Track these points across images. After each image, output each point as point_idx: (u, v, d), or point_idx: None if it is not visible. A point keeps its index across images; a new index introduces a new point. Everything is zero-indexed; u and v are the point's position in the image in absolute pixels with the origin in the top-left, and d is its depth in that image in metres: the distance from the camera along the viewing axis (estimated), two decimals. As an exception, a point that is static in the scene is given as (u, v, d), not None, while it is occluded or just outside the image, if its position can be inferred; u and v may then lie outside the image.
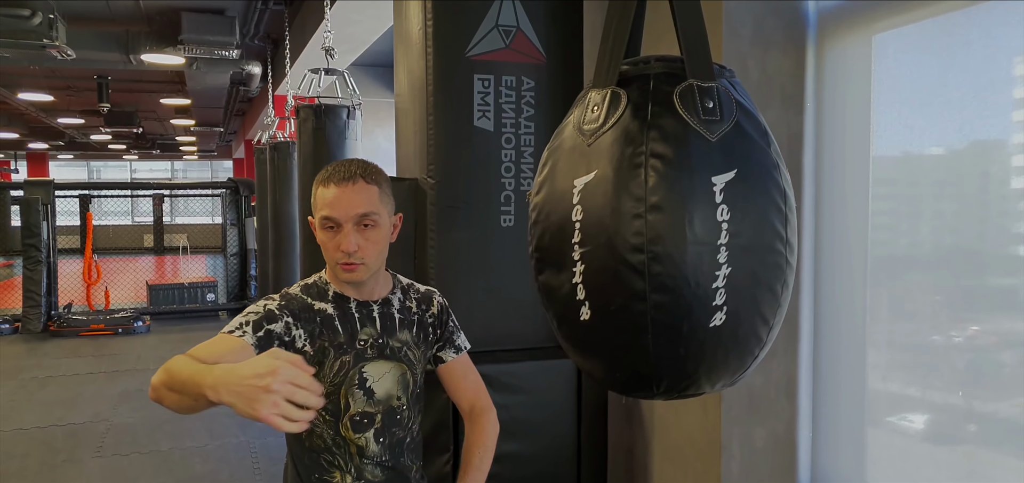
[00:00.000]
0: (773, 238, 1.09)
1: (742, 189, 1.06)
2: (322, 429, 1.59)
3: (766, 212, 1.08)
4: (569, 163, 1.13)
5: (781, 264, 1.11)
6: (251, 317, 1.49)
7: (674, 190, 1.04)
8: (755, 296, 1.09)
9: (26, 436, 5.34)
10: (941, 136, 2.01)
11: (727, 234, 1.04)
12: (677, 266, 1.04)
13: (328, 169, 1.58)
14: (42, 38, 5.91)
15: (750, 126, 1.11)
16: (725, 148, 1.07)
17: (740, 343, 1.10)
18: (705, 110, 1.08)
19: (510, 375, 2.49)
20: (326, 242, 1.55)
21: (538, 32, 2.58)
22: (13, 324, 9.10)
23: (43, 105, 12.34)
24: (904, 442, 2.12)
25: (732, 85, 1.14)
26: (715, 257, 1.04)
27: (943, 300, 1.99)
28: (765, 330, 1.12)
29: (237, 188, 10.80)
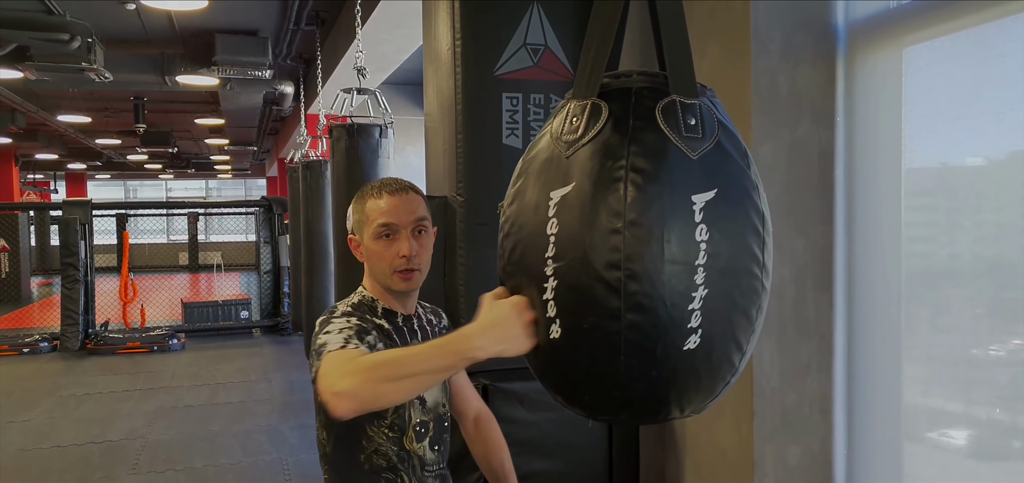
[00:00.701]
0: (750, 261, 1.06)
1: (722, 210, 1.03)
2: (386, 446, 1.61)
3: (744, 234, 1.06)
4: (545, 175, 1.10)
5: (757, 288, 1.08)
6: (348, 332, 1.50)
7: (653, 207, 1.02)
8: (730, 320, 1.06)
9: (64, 453, 5.45)
10: (977, 148, 1.98)
11: (705, 255, 1.01)
12: (653, 285, 1.01)
13: (374, 185, 1.65)
14: (81, 61, 6.06)
15: (731, 146, 1.08)
16: (706, 167, 1.04)
17: (713, 368, 1.07)
18: (687, 127, 1.05)
19: (541, 393, 2.46)
20: (381, 251, 1.59)
21: (566, 50, 2.59)
22: (52, 342, 9.30)
23: (81, 126, 12.64)
24: (944, 458, 2.09)
25: (713, 104, 1.12)
26: (692, 278, 1.01)
27: (984, 313, 1.96)
28: (738, 356, 1.09)
29: (270, 206, 10.95)
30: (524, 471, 2.44)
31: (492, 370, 2.51)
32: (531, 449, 2.46)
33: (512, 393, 2.45)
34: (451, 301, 2.57)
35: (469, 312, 2.51)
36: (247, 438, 5.68)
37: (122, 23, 6.89)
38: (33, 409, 6.63)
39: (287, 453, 5.30)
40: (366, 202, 1.62)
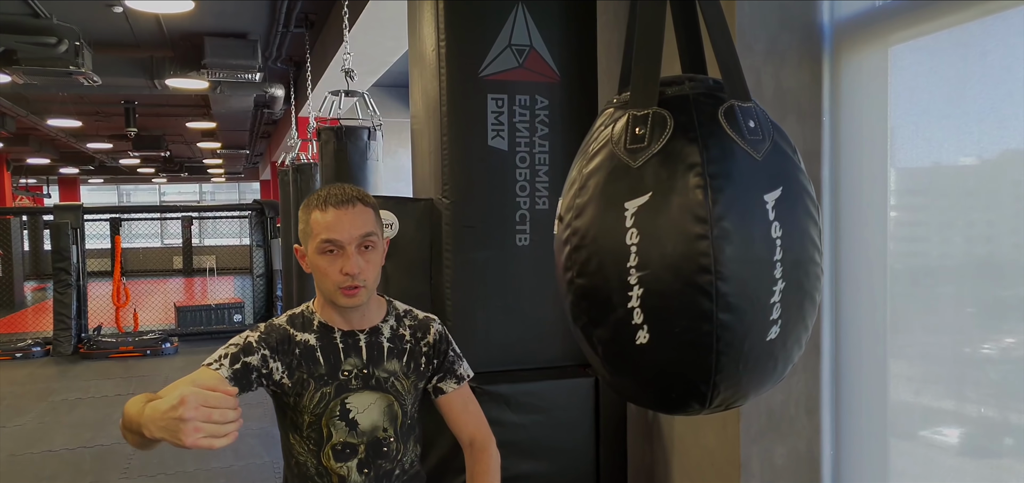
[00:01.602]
0: (813, 249, 1.13)
1: (787, 205, 1.09)
2: (305, 457, 1.60)
3: (806, 225, 1.12)
4: (614, 185, 1.11)
5: (818, 273, 1.15)
6: (230, 350, 1.52)
7: (735, 210, 1.06)
8: (801, 306, 1.12)
9: (55, 458, 5.42)
10: (965, 146, 1.98)
11: (780, 250, 1.07)
12: (742, 284, 1.06)
13: (320, 194, 1.56)
14: (69, 65, 6.04)
15: (784, 144, 1.14)
16: (769, 166, 1.10)
17: (787, 352, 1.14)
18: (748, 130, 1.10)
19: (528, 394, 2.48)
20: (325, 267, 1.51)
21: (552, 51, 2.58)
22: (45, 347, 9.26)
23: (72, 130, 12.60)
24: (934, 455, 2.08)
25: (757, 103, 1.17)
26: (772, 273, 1.07)
27: (976, 311, 1.95)
28: (805, 337, 1.17)
29: (263, 210, 10.92)
30: (511, 473, 2.44)
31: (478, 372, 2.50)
32: (518, 451, 2.45)
33: (499, 395, 2.44)
34: (437, 305, 2.56)
35: (455, 315, 2.50)
36: (239, 442, 5.62)
37: (110, 26, 6.87)
38: (25, 414, 6.59)
39: (279, 456, 5.28)
40: (311, 213, 1.53)
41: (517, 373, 2.54)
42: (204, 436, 1.15)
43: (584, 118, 2.64)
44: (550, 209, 2.57)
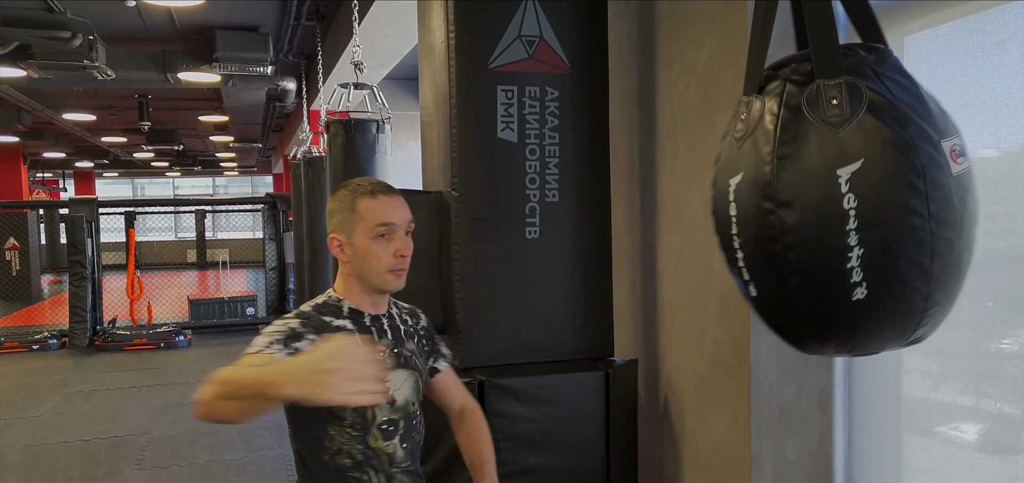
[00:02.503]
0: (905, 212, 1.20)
1: (869, 175, 1.18)
2: (349, 446, 1.62)
3: (897, 190, 1.19)
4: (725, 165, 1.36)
5: (922, 237, 1.21)
6: (277, 336, 1.54)
7: (798, 186, 1.24)
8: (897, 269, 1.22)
9: (70, 449, 5.47)
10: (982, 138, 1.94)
11: (854, 218, 1.20)
12: (807, 248, 1.24)
13: (359, 184, 1.65)
14: (82, 59, 6.07)
15: (884, 111, 1.21)
16: (850, 140, 1.19)
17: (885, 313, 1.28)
18: (829, 107, 1.21)
19: (537, 388, 2.46)
20: (379, 251, 1.60)
21: (562, 42, 2.56)
22: (61, 339, 9.34)
23: (87, 124, 12.68)
24: (950, 452, 2.05)
25: (872, 73, 1.24)
26: (845, 239, 1.21)
27: (996, 306, 1.92)
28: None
29: (275, 203, 10.96)
30: (520, 466, 2.43)
31: (487, 366, 2.49)
32: (527, 444, 2.44)
33: (508, 389, 2.42)
34: (447, 297, 2.55)
35: (464, 309, 2.49)
36: (251, 434, 5.69)
37: (123, 20, 6.90)
38: (41, 405, 6.66)
39: (290, 448, 5.30)
40: (358, 200, 1.62)
41: (526, 366, 2.53)
42: (351, 391, 1.18)
43: (595, 110, 2.62)
44: (560, 202, 2.55)
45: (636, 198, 2.78)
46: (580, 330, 2.62)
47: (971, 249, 1.27)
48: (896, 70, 1.26)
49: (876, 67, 1.25)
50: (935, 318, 1.27)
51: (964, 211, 1.23)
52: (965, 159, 1.25)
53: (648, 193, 2.68)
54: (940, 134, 1.21)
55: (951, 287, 1.25)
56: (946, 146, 1.21)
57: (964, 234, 1.23)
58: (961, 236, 1.23)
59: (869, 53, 1.27)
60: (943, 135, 1.22)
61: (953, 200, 1.20)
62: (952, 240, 1.21)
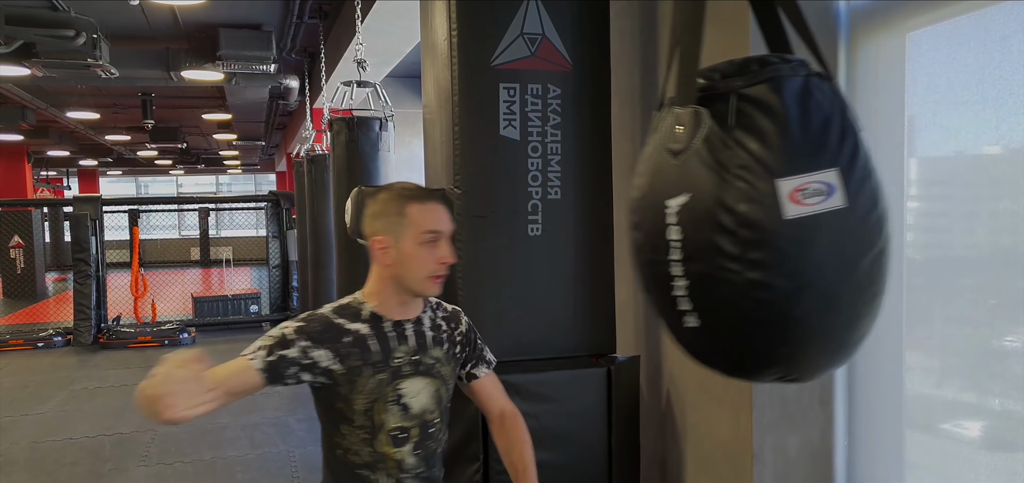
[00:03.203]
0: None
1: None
2: (358, 446, 1.65)
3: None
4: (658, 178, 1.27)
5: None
6: (267, 343, 1.58)
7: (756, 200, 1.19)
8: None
9: (76, 445, 5.49)
10: (985, 135, 1.95)
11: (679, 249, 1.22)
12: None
13: (404, 189, 1.67)
14: (86, 58, 6.09)
15: (713, 145, 1.17)
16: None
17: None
18: (674, 134, 1.19)
19: (540, 384, 2.48)
20: (425, 256, 1.61)
21: (564, 39, 2.57)
22: (65, 336, 9.37)
23: (90, 123, 12.70)
24: (951, 448, 2.06)
25: (736, 97, 1.16)
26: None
27: (999, 303, 1.92)
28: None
29: (278, 201, 10.98)
30: (523, 463, 2.44)
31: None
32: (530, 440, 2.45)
33: (510, 385, 2.42)
34: (450, 294, 2.55)
35: (467, 305, 2.50)
36: (255, 431, 5.71)
37: (127, 19, 6.92)
38: (46, 402, 6.69)
39: (294, 445, 5.32)
40: (407, 205, 1.62)
41: (529, 363, 2.54)
42: (175, 411, 1.30)
43: (597, 107, 2.62)
44: (562, 199, 2.56)
45: (638, 195, 2.78)
46: (582, 327, 2.63)
47: (835, 296, 1.13)
48: (765, 98, 1.14)
49: (743, 92, 1.15)
50: (790, 362, 1.18)
51: (802, 256, 1.09)
52: (823, 199, 1.10)
53: (650, 190, 2.69)
54: (785, 172, 1.09)
55: (798, 334, 1.14)
56: (786, 186, 1.09)
57: (806, 281, 1.10)
58: (794, 282, 1.10)
59: (740, 77, 1.16)
60: (789, 173, 1.09)
61: (778, 244, 1.09)
62: (774, 285, 1.10)
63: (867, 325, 1.20)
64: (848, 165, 1.13)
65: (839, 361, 1.24)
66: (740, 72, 1.18)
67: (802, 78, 1.16)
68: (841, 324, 1.16)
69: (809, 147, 1.13)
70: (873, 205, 1.16)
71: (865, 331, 1.20)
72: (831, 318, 1.15)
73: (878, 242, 1.16)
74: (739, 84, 1.16)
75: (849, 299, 1.15)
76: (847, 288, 1.14)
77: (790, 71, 1.17)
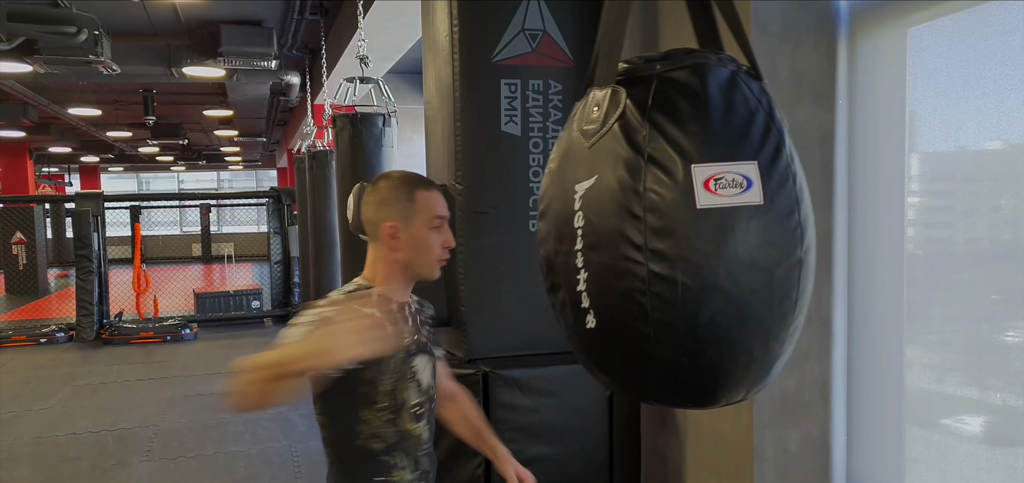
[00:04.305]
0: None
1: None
2: (383, 429, 1.67)
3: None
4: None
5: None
6: (314, 321, 1.56)
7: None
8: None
9: (79, 440, 5.51)
10: (985, 130, 1.95)
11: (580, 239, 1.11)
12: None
13: (408, 176, 1.73)
14: (88, 54, 6.09)
15: (628, 128, 1.09)
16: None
17: None
18: (590, 116, 1.13)
19: (541, 379, 2.48)
20: (433, 242, 1.68)
21: (565, 35, 2.57)
22: (68, 332, 9.39)
23: (92, 119, 12.72)
24: (951, 443, 2.06)
25: (656, 80, 1.09)
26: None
27: (1000, 298, 1.93)
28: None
29: (279, 197, 10.99)
30: (525, 456, 2.44)
31: (491, 358, 2.51)
32: (532, 435, 2.46)
33: (511, 380, 2.44)
34: (451, 289, 2.57)
35: (468, 301, 2.51)
36: (257, 426, 5.72)
37: (128, 15, 6.93)
38: (50, 398, 6.71)
39: (296, 440, 5.34)
40: (416, 192, 1.68)
41: (530, 358, 2.55)
42: (367, 344, 1.34)
43: (598, 103, 2.63)
44: (563, 194, 2.57)
45: (639, 191, 2.79)
46: (584, 322, 2.63)
47: (750, 303, 1.04)
48: (687, 81, 1.08)
49: (664, 75, 1.09)
50: (692, 377, 1.07)
51: (719, 252, 1.01)
52: (739, 192, 1.03)
53: (651, 186, 2.69)
54: (704, 157, 1.03)
55: (702, 342, 1.04)
56: (701, 173, 1.02)
57: (716, 281, 1.02)
58: (701, 280, 1.02)
59: (665, 61, 1.11)
60: (708, 160, 1.03)
61: (687, 235, 1.01)
62: (678, 281, 1.01)
63: (779, 345, 1.09)
64: (769, 161, 1.06)
65: (749, 383, 1.10)
66: (665, 58, 1.12)
67: (730, 71, 1.11)
68: (751, 337, 1.06)
69: (729, 137, 1.07)
70: (793, 210, 1.07)
71: (777, 351, 1.10)
72: (740, 328, 1.05)
73: (796, 251, 1.07)
74: (662, 68, 1.09)
75: (759, 309, 1.05)
76: (758, 296, 1.05)
77: (718, 62, 1.12)
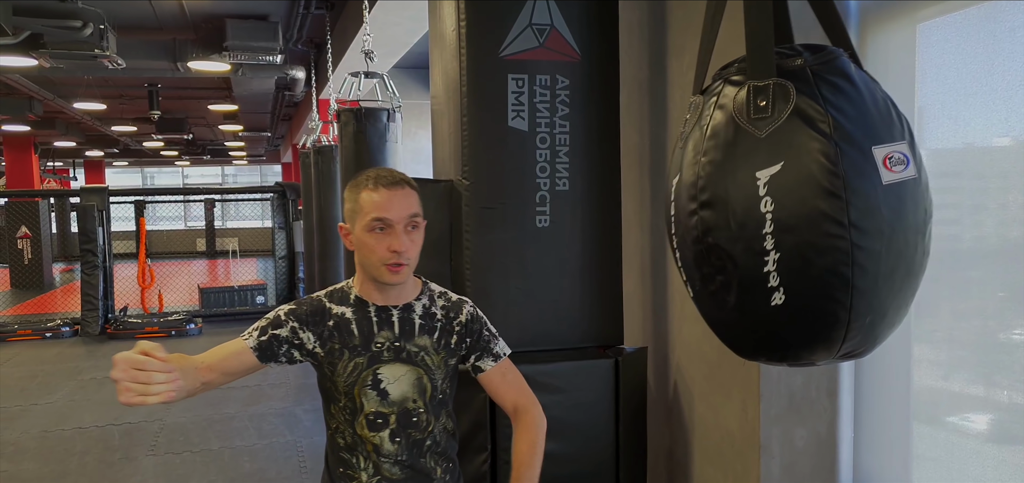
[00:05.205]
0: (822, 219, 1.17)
1: (787, 181, 1.16)
2: (343, 427, 1.69)
3: (811, 198, 1.16)
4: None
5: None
6: (261, 324, 1.65)
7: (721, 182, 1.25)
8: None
9: (85, 434, 5.53)
10: (993, 126, 1.94)
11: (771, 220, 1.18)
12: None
13: (368, 175, 1.65)
14: (93, 48, 6.10)
15: (807, 116, 1.18)
16: (772, 142, 1.17)
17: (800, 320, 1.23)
18: (756, 108, 1.20)
19: (547, 375, 2.48)
20: (373, 244, 1.60)
21: (573, 30, 2.57)
22: (73, 327, 9.42)
23: (97, 114, 12.74)
24: (957, 441, 2.06)
25: (812, 74, 1.20)
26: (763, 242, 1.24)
27: (1007, 296, 1.92)
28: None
29: (284, 192, 11.00)
30: (531, 454, 2.45)
31: (499, 353, 2.51)
32: (538, 432, 2.46)
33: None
34: (458, 285, 2.57)
35: (475, 296, 2.51)
36: (262, 421, 5.74)
37: (134, 9, 6.93)
38: (55, 392, 6.73)
39: (301, 435, 5.35)
40: (359, 193, 1.63)
41: (536, 354, 2.55)
42: (135, 395, 1.33)
43: (605, 98, 2.62)
44: (570, 190, 2.57)
45: (646, 187, 2.79)
46: (590, 318, 2.64)
47: (911, 262, 1.20)
48: (838, 72, 1.21)
49: (816, 69, 1.21)
50: (867, 331, 1.20)
51: (897, 222, 1.16)
52: (904, 168, 1.18)
53: (658, 181, 2.69)
54: (874, 140, 1.16)
55: (882, 301, 1.18)
56: (879, 153, 1.16)
57: (895, 246, 1.16)
58: (890, 248, 1.16)
59: (814, 54, 1.23)
60: (878, 141, 1.16)
61: (880, 210, 1.14)
62: (878, 251, 1.15)
63: (916, 289, 1.27)
64: (910, 138, 1.22)
65: (896, 327, 1.27)
66: (807, 51, 1.24)
67: (849, 60, 1.24)
68: (909, 288, 1.24)
69: (881, 119, 1.20)
70: (927, 176, 1.24)
71: (914, 296, 1.27)
72: (907, 282, 1.22)
73: (932, 213, 1.25)
74: (811, 61, 1.20)
75: (918, 263, 1.23)
76: (917, 252, 1.21)
77: (838, 54, 1.25)
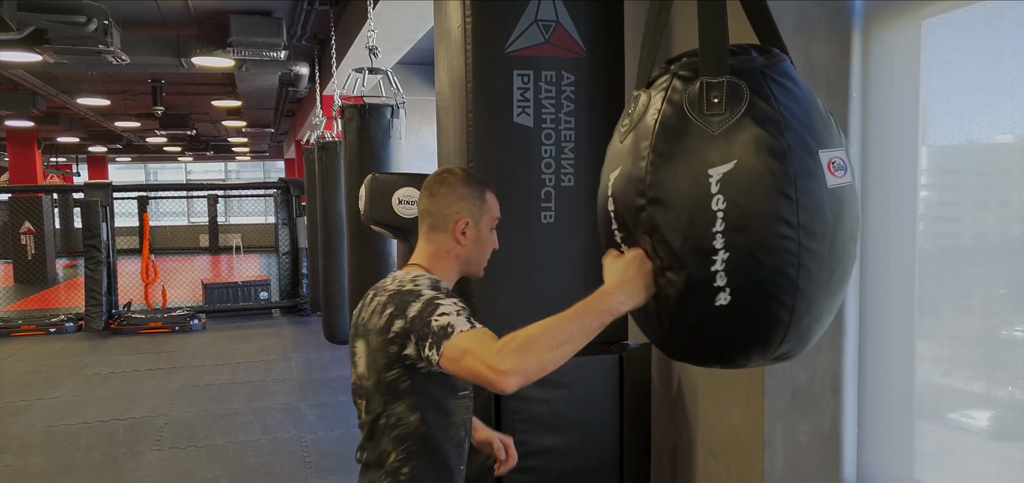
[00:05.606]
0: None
1: (741, 179, 1.15)
2: (465, 416, 1.70)
3: (765, 199, 1.15)
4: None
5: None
6: (467, 312, 1.55)
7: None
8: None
9: (90, 429, 5.55)
10: (997, 124, 1.95)
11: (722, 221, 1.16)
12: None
13: (475, 175, 1.77)
14: (97, 44, 6.11)
15: (761, 116, 1.17)
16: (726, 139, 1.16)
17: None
18: (710, 105, 1.19)
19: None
20: (492, 241, 1.75)
21: (578, 26, 2.57)
22: (77, 322, 9.45)
23: (101, 109, 12.75)
24: (960, 438, 2.07)
25: (761, 74, 1.19)
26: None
27: (1009, 293, 1.93)
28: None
29: (288, 188, 11.01)
30: (535, 447, 2.46)
31: (503, 348, 2.52)
32: (542, 426, 2.47)
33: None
34: (462, 281, 2.57)
35: (479, 292, 2.52)
36: (266, 416, 5.76)
37: (137, 5, 6.94)
38: (60, 387, 6.76)
39: (305, 430, 5.36)
40: (484, 191, 1.74)
41: (541, 349, 2.55)
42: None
43: (611, 94, 2.63)
44: (575, 186, 2.57)
45: (650, 183, 2.79)
46: (594, 314, 2.64)
47: (845, 266, 1.23)
48: (785, 75, 1.22)
49: (765, 70, 1.20)
50: (802, 334, 1.22)
51: (838, 226, 1.18)
52: (844, 174, 1.20)
53: (662, 178, 2.69)
54: (820, 144, 1.18)
55: (819, 303, 1.21)
56: (824, 158, 1.17)
57: (836, 250, 1.19)
58: (832, 251, 1.19)
59: (761, 55, 1.23)
60: (823, 146, 1.18)
61: (826, 213, 1.16)
62: (821, 254, 1.17)
63: (845, 295, 1.31)
64: (846, 145, 1.24)
65: (825, 330, 1.29)
66: (755, 51, 1.24)
67: (791, 63, 1.25)
68: (841, 292, 1.26)
69: (824, 125, 1.21)
70: (857, 186, 1.26)
71: (842, 300, 1.31)
72: (841, 286, 1.24)
73: (860, 220, 1.27)
74: (759, 62, 1.20)
75: (850, 269, 1.26)
76: (851, 258, 1.25)
77: (783, 57, 1.25)
